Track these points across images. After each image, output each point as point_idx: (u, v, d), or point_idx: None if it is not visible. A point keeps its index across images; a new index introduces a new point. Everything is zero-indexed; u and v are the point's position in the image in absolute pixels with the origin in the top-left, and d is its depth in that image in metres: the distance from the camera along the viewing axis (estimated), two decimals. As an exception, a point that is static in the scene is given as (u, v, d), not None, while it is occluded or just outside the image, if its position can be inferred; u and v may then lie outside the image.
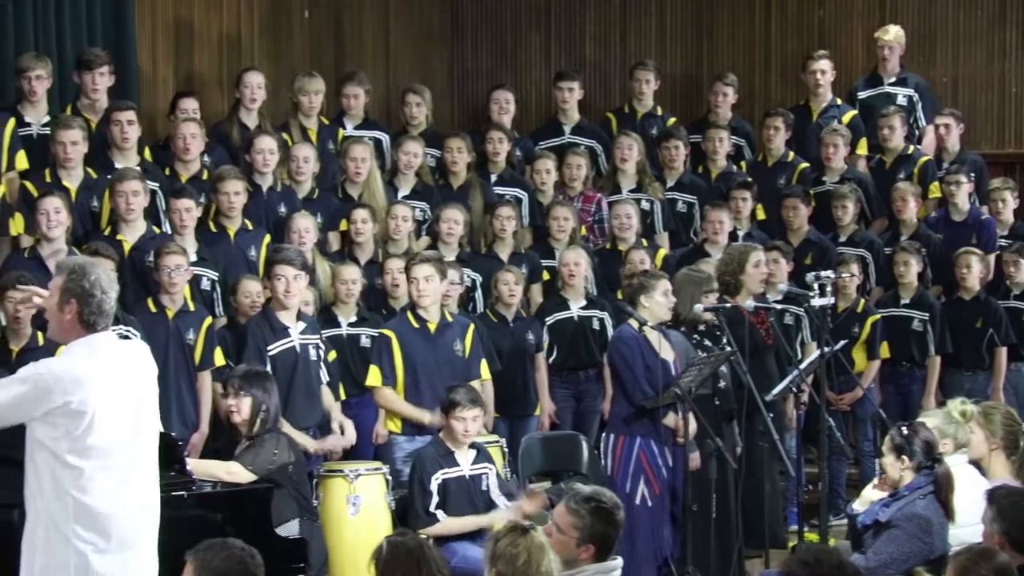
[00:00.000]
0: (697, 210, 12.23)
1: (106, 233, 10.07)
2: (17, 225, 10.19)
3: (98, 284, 6.34)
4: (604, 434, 9.86)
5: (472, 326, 10.03)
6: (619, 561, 6.16)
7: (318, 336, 9.77)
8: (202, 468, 8.05)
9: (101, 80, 10.83)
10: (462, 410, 8.98)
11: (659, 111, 13.11)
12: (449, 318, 9.92)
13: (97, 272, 6.41)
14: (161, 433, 8.01)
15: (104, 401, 6.27)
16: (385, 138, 12.04)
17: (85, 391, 6.22)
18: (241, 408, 8.52)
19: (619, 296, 10.93)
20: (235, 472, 8.27)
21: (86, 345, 6.32)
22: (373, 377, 9.77)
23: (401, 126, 12.25)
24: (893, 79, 13.07)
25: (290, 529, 8.25)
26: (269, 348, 9.47)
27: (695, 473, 9.47)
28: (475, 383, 9.70)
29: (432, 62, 13.52)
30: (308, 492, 8.66)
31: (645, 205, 11.97)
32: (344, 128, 11.89)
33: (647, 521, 9.51)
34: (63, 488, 6.24)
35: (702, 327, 10.06)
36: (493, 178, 11.95)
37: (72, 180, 10.28)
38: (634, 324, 9.65)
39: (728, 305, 9.95)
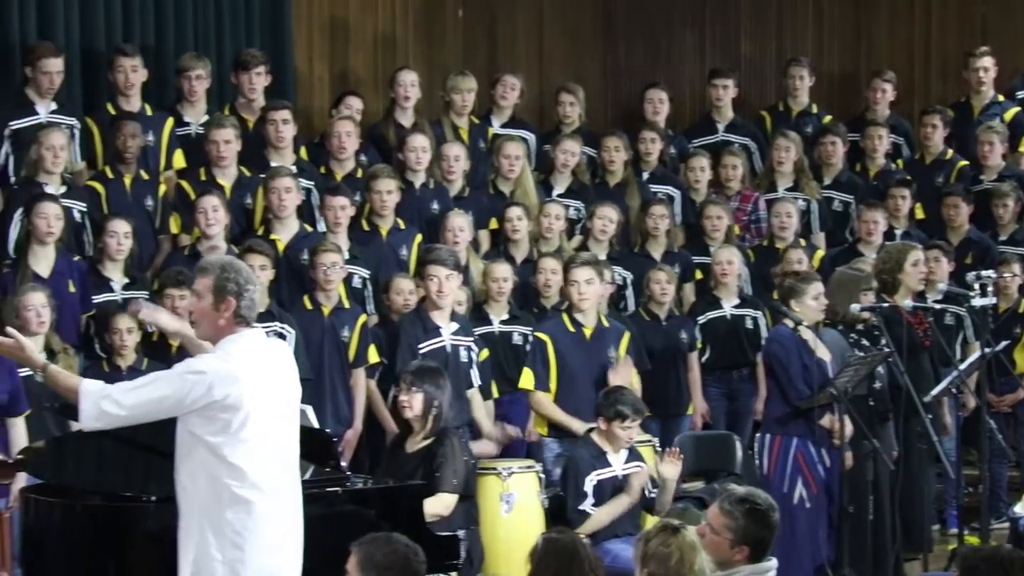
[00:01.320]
0: (854, 209, 12.07)
1: (259, 232, 10.17)
2: (176, 223, 10.33)
3: (250, 279, 6.47)
4: (759, 434, 9.77)
5: (628, 334, 9.97)
6: (773, 562, 6.08)
7: (471, 338, 9.77)
8: (428, 511, 8.03)
9: (258, 80, 10.96)
10: (629, 421, 8.95)
11: (814, 109, 12.96)
12: (605, 323, 9.88)
13: (245, 267, 6.53)
14: (317, 430, 8.19)
15: (259, 397, 6.37)
16: (531, 137, 12.03)
17: (242, 387, 6.31)
18: (413, 404, 8.53)
19: (775, 296, 10.82)
20: (449, 503, 8.33)
21: (240, 341, 6.39)
22: (526, 380, 9.76)
23: (554, 125, 12.24)
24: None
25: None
26: (420, 346, 9.50)
27: (850, 474, 9.35)
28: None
29: (585, 60, 13.48)
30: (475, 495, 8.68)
31: (802, 204, 11.84)
32: (491, 126, 11.90)
33: (804, 522, 9.40)
34: (219, 482, 6.32)
35: (860, 326, 9.92)
36: (646, 176, 11.89)
37: (226, 178, 10.40)
38: (789, 324, 9.55)
39: (886, 305, 9.81)
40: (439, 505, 8.23)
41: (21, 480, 8.11)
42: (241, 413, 6.31)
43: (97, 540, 6.99)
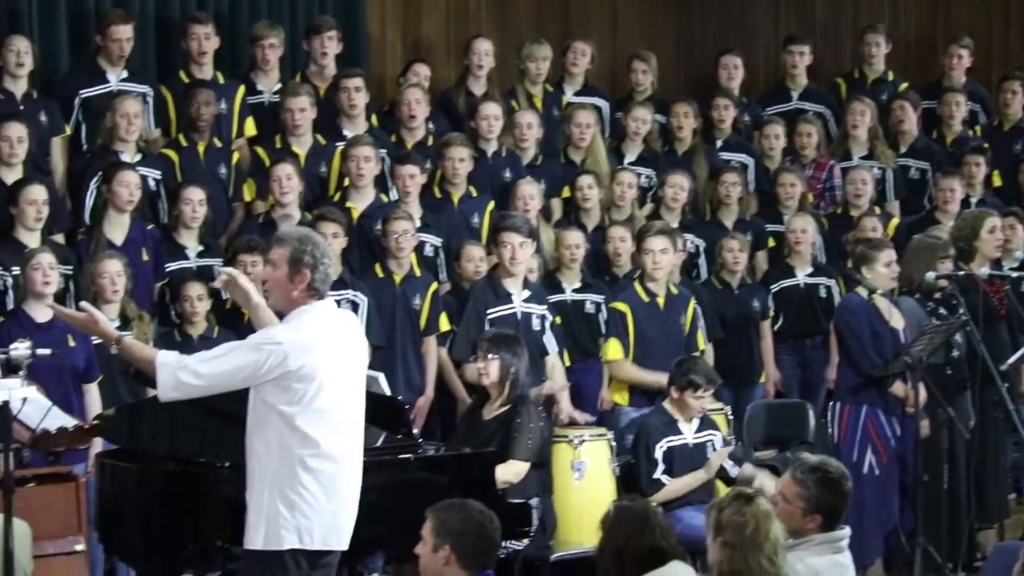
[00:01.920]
0: (930, 176, 11.97)
1: (335, 199, 10.20)
2: (250, 191, 10.37)
3: (325, 253, 6.52)
4: (831, 403, 9.73)
5: (693, 299, 9.95)
6: (847, 531, 6.07)
7: (544, 306, 9.76)
8: (500, 478, 8.03)
9: (329, 46, 10.96)
10: (701, 391, 8.93)
11: (890, 76, 12.84)
12: (675, 290, 9.86)
13: (321, 241, 6.59)
14: (388, 397, 8.22)
15: (332, 367, 6.42)
16: (605, 105, 11.99)
17: (316, 357, 6.37)
18: (490, 371, 8.52)
19: (848, 264, 10.75)
20: (521, 471, 8.32)
21: (312, 312, 6.43)
22: (614, 351, 9.75)
23: (626, 92, 12.19)
24: None
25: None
26: (489, 312, 9.50)
27: (925, 443, 9.30)
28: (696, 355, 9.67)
29: (658, 27, 13.40)
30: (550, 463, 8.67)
31: (877, 172, 11.75)
32: (564, 93, 11.87)
33: (874, 490, 9.39)
34: (291, 450, 6.37)
35: (937, 295, 9.84)
36: (719, 143, 11.84)
37: (301, 146, 10.43)
38: (863, 292, 9.50)
39: (961, 273, 9.74)
40: (510, 472, 8.24)
41: (97, 445, 8.20)
42: (315, 383, 6.36)
43: (171, 505, 7.06)
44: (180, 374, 6.36)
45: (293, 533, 6.38)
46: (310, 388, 6.36)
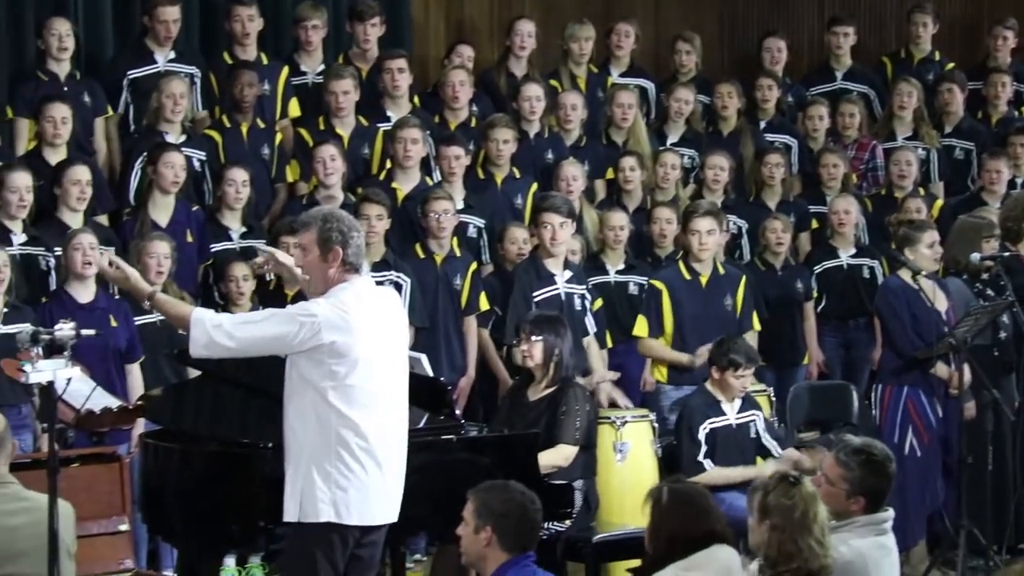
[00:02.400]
0: (975, 157, 11.91)
1: (381, 179, 10.20)
2: (293, 172, 10.39)
3: (353, 226, 6.54)
4: (874, 384, 9.70)
5: (744, 278, 9.92)
6: (890, 512, 6.04)
7: (584, 286, 9.75)
8: (543, 461, 8.01)
9: (372, 30, 10.98)
10: (742, 370, 8.90)
11: (936, 56, 12.78)
12: (721, 270, 9.83)
13: (345, 215, 6.59)
14: (431, 378, 8.21)
15: (369, 344, 6.44)
16: (650, 86, 11.96)
17: (353, 333, 6.38)
18: (534, 353, 8.49)
19: (893, 245, 10.70)
20: (569, 455, 8.30)
21: (350, 288, 6.45)
22: (640, 327, 9.73)
23: (670, 73, 12.16)
24: None
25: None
26: (534, 294, 9.50)
27: (970, 425, 9.25)
28: (748, 335, 9.62)
29: (702, 8, 13.36)
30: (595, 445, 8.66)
31: (921, 153, 11.69)
32: (610, 75, 11.85)
33: (916, 472, 9.37)
34: (327, 425, 6.40)
35: (984, 276, 9.79)
36: (763, 124, 11.80)
37: (344, 128, 10.44)
38: (906, 273, 9.46)
39: (1007, 254, 9.68)
40: (559, 456, 8.22)
41: (140, 426, 8.24)
42: (349, 359, 6.38)
43: (215, 485, 7.07)
44: (214, 333, 6.39)
45: (330, 507, 6.40)
46: (343, 364, 6.38)
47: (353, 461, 6.41)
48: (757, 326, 9.92)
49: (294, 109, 10.66)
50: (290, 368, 6.48)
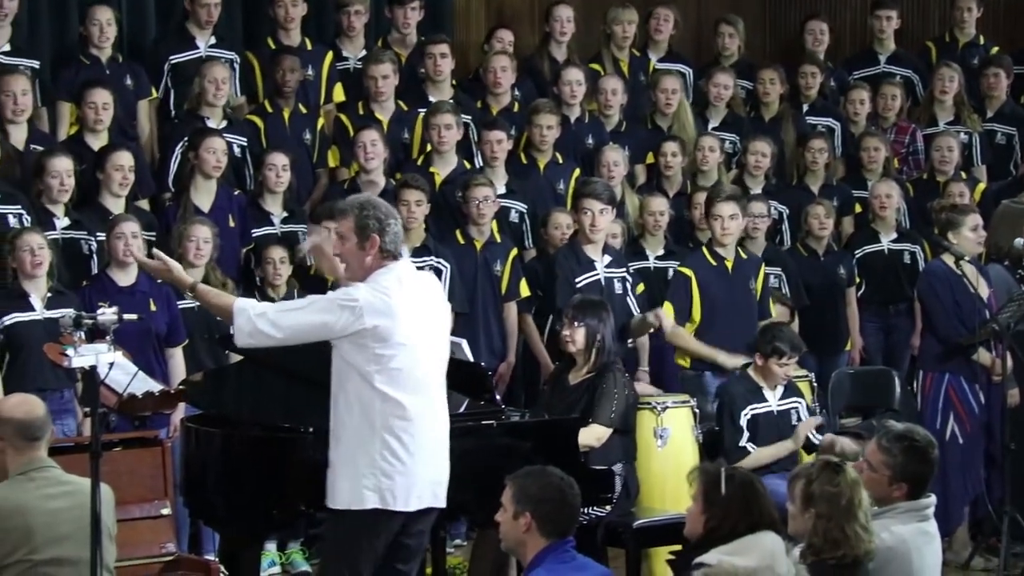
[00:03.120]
0: (1017, 142, 11.84)
1: (419, 164, 10.20)
2: (334, 157, 10.40)
3: (389, 213, 6.55)
4: (915, 370, 9.66)
5: (763, 265, 9.87)
6: (932, 499, 6.02)
7: (624, 269, 9.73)
8: (581, 441, 7.97)
9: (412, 15, 11.00)
10: (786, 358, 8.85)
11: (981, 40, 12.69)
12: (744, 255, 9.80)
13: (382, 202, 6.61)
14: (471, 363, 8.20)
15: (409, 328, 6.45)
16: (688, 71, 11.92)
17: (393, 318, 6.40)
18: (576, 338, 8.47)
19: (935, 230, 10.65)
20: (602, 435, 8.28)
21: (391, 273, 6.47)
22: (667, 314, 9.70)
23: (712, 57, 12.12)
24: None
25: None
26: (576, 280, 9.49)
27: (1014, 411, 9.20)
28: (778, 315, 9.61)
29: (745, -10, 13.34)
30: (634, 430, 8.64)
31: (963, 138, 11.63)
32: (649, 60, 11.81)
33: (958, 459, 9.35)
34: (372, 410, 6.42)
35: (1028, 261, 9.76)
36: (805, 108, 11.75)
37: (384, 113, 10.45)
38: (948, 258, 9.41)
39: (1050, 239, 9.63)
40: (591, 436, 8.21)
41: (181, 410, 8.26)
42: (391, 343, 6.40)
43: (256, 469, 7.09)
44: (258, 321, 6.42)
45: (375, 493, 6.42)
46: (386, 348, 6.40)
47: (399, 446, 6.43)
48: (774, 312, 9.86)
49: (338, 94, 10.67)
50: (335, 354, 6.49)
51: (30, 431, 5.73)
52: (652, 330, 9.56)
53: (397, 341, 6.40)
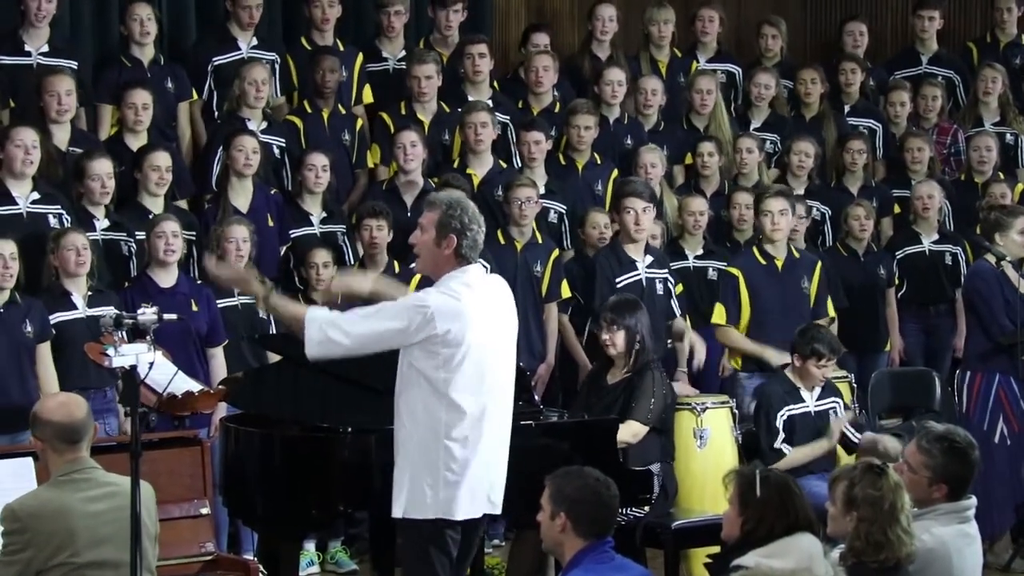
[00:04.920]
0: (1062, 143, 11.81)
1: (455, 166, 10.21)
2: (374, 156, 10.42)
3: (475, 219, 6.51)
4: (959, 371, 9.61)
5: (819, 264, 9.85)
6: (972, 500, 5.99)
7: (665, 270, 9.72)
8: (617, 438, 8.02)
9: (454, 16, 11.01)
10: (825, 360, 8.82)
11: (1023, 40, 12.62)
12: (796, 254, 9.78)
13: (473, 207, 6.57)
14: (511, 364, 8.17)
15: (480, 333, 6.43)
16: (737, 71, 11.90)
17: (464, 323, 6.38)
18: (616, 341, 8.46)
19: (977, 230, 10.60)
20: (638, 432, 8.28)
21: (461, 277, 6.44)
22: (718, 315, 9.68)
23: (754, 57, 12.09)
24: None
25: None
26: (617, 280, 9.48)
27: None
28: (822, 321, 9.55)
29: (785, -9, 13.31)
30: (672, 430, 8.62)
31: (1009, 139, 11.58)
32: (697, 61, 11.79)
33: (1005, 460, 9.27)
34: (437, 417, 6.39)
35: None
36: (846, 109, 11.72)
37: (426, 113, 10.45)
38: (991, 259, 9.37)
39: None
40: (627, 433, 8.19)
41: (221, 410, 8.29)
42: (462, 349, 6.37)
43: (295, 470, 7.11)
44: (330, 331, 6.38)
45: (437, 503, 6.40)
46: (457, 354, 6.37)
47: (462, 452, 6.39)
48: (832, 312, 9.85)
49: (367, 96, 10.67)
50: (402, 361, 6.45)
51: (70, 434, 5.74)
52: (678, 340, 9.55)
53: (466, 347, 6.37)
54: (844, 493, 5.66)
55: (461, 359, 6.37)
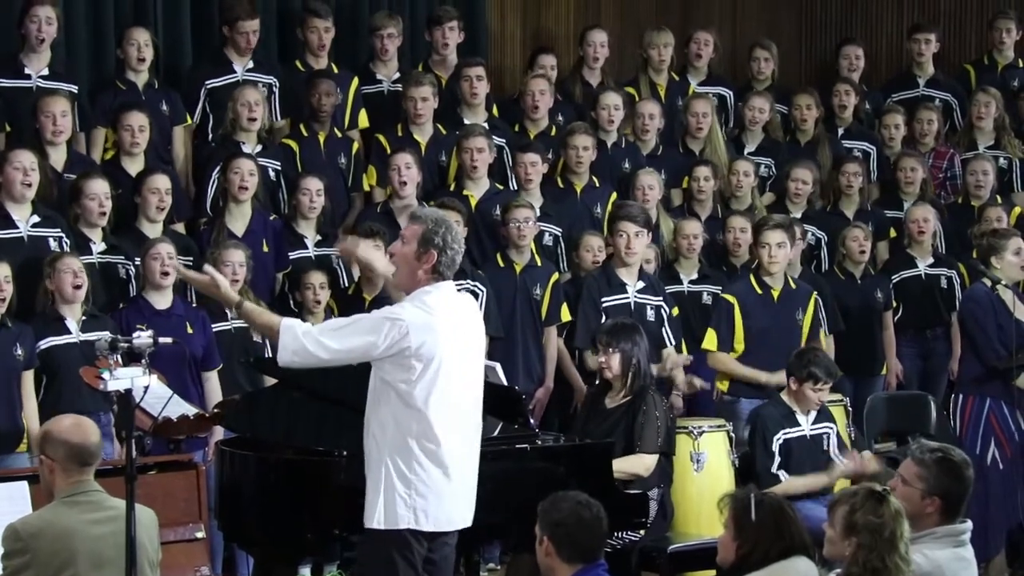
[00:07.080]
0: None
1: (451, 188, 10.21)
2: (370, 178, 10.42)
3: (456, 239, 6.59)
4: (953, 395, 9.61)
5: (814, 295, 9.83)
6: (968, 524, 5.96)
7: (659, 297, 9.72)
8: (622, 468, 8.03)
9: (450, 34, 11.01)
10: (821, 384, 8.81)
11: (1020, 63, 12.62)
12: (793, 285, 9.76)
13: (455, 227, 6.67)
14: (505, 387, 8.20)
15: (450, 349, 6.49)
16: (729, 94, 11.91)
17: (436, 337, 6.44)
18: (612, 364, 8.45)
19: (973, 254, 10.60)
20: (650, 464, 8.27)
21: (435, 293, 6.50)
22: (709, 341, 9.66)
23: (747, 81, 12.11)
24: None
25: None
26: (603, 300, 9.48)
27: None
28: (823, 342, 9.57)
29: (780, 15, 13.32)
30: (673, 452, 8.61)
31: (1003, 163, 11.59)
32: (690, 84, 11.81)
33: (998, 484, 9.27)
34: (408, 430, 6.44)
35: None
36: (840, 132, 11.73)
37: (422, 135, 10.46)
38: (987, 282, 9.37)
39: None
40: (639, 465, 8.18)
41: (217, 433, 8.28)
42: (434, 363, 6.43)
43: (290, 493, 7.10)
44: (304, 340, 6.42)
45: (409, 512, 6.45)
46: (429, 368, 6.43)
47: (432, 466, 6.45)
48: (824, 343, 9.83)
49: (363, 120, 10.67)
50: (373, 374, 6.52)
51: (84, 456, 5.76)
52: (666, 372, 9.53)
53: (438, 361, 6.43)
54: (844, 518, 5.63)
55: (433, 374, 6.44)
